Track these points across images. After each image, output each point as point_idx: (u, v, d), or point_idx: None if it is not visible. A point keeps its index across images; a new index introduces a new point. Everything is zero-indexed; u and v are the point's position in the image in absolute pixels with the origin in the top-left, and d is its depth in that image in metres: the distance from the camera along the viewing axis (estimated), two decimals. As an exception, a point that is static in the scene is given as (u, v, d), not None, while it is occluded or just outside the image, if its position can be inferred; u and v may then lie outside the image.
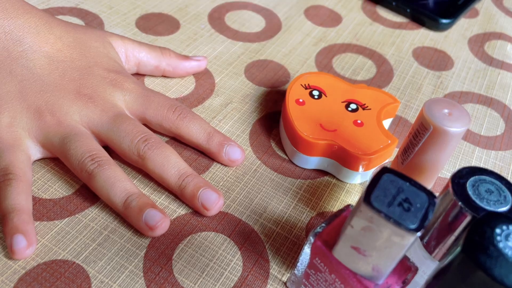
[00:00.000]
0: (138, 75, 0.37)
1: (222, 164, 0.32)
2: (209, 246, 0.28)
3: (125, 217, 0.27)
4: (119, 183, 0.27)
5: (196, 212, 0.29)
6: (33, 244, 0.25)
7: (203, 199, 0.28)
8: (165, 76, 0.37)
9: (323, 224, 0.23)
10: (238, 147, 0.31)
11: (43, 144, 0.29)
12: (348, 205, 0.24)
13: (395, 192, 0.19)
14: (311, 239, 0.22)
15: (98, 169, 0.27)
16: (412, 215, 0.18)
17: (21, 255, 0.25)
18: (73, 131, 0.29)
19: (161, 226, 0.27)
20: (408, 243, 0.18)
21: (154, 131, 0.32)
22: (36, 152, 0.29)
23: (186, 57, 0.37)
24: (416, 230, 0.18)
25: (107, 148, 0.31)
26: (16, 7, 0.30)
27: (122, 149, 0.29)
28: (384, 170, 0.19)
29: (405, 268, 0.21)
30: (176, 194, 0.29)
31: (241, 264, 0.27)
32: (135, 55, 0.35)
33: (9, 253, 0.25)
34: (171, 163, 0.28)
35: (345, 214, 0.23)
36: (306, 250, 0.23)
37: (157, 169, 0.28)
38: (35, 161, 0.30)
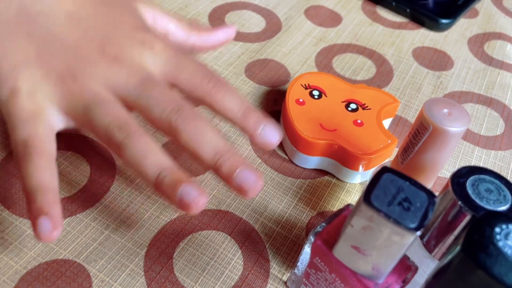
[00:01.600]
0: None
1: (256, 146, 0.28)
2: (210, 244, 0.28)
3: (159, 194, 0.25)
4: (151, 155, 0.24)
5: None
6: (58, 227, 0.23)
7: (240, 180, 0.24)
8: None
9: (323, 224, 0.23)
10: (276, 129, 0.27)
11: (67, 112, 0.26)
12: (348, 205, 0.24)
13: (395, 191, 0.19)
14: (311, 238, 0.22)
15: (128, 139, 0.24)
16: (412, 214, 0.18)
17: (47, 238, 0.23)
18: (97, 98, 0.26)
19: (198, 204, 0.23)
20: (408, 242, 0.19)
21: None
22: (59, 122, 0.26)
23: (216, 27, 0.34)
24: (416, 229, 0.18)
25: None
26: None
27: (152, 118, 0.26)
28: (384, 170, 0.19)
29: (405, 267, 0.22)
30: (212, 170, 0.26)
31: (242, 263, 0.27)
32: (163, 24, 0.32)
33: (35, 237, 0.23)
34: (207, 139, 0.25)
35: (345, 213, 0.23)
36: (307, 250, 0.23)
37: (190, 143, 0.25)
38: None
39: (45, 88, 0.26)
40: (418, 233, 0.18)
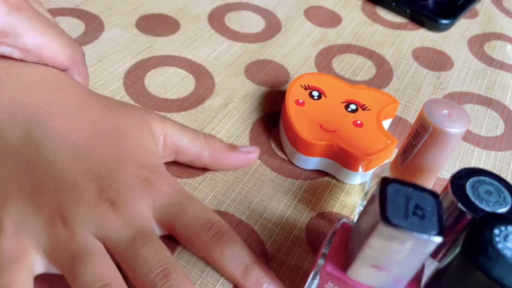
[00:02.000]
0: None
1: None
2: (209, 246, 0.28)
3: None
4: None
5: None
6: None
7: None
8: (205, 168, 0.31)
9: (325, 250, 0.22)
10: (280, 286, 0.25)
11: (50, 258, 0.24)
12: (340, 219, 0.23)
13: (404, 201, 0.19)
14: (320, 263, 0.22)
15: None
16: (429, 221, 0.18)
17: None
18: (86, 249, 0.23)
19: None
20: (431, 250, 0.18)
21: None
22: (40, 267, 0.24)
23: (233, 148, 0.31)
24: (439, 235, 0.18)
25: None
26: (47, 82, 0.27)
27: (137, 279, 0.24)
28: (385, 182, 0.19)
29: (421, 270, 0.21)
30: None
31: (241, 264, 0.27)
32: (174, 142, 0.30)
33: None
34: None
35: (341, 230, 0.23)
36: (316, 277, 0.22)
37: None
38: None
39: (32, 227, 0.24)
40: (441, 239, 0.18)
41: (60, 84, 0.28)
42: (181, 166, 0.31)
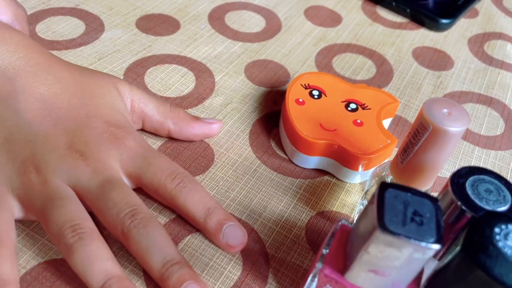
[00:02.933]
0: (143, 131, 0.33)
1: (219, 247, 0.27)
2: (209, 245, 0.28)
3: None
4: (99, 262, 0.23)
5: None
6: None
7: None
8: (171, 138, 0.33)
9: (323, 253, 0.22)
10: (240, 229, 0.27)
11: (25, 203, 0.25)
12: (339, 220, 0.23)
13: (402, 207, 0.19)
14: (319, 266, 0.22)
15: (78, 243, 0.23)
16: (427, 228, 0.18)
17: None
18: (58, 194, 0.25)
19: None
20: (429, 256, 0.18)
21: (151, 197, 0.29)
22: (18, 211, 0.26)
23: (196, 119, 0.32)
24: (437, 242, 0.18)
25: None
26: (16, 41, 0.28)
27: (107, 221, 0.25)
28: (383, 186, 0.19)
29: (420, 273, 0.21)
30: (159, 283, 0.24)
31: (241, 263, 0.27)
32: (141, 107, 0.31)
33: None
34: (157, 247, 0.24)
35: (340, 232, 0.23)
36: (314, 280, 0.22)
37: (140, 251, 0.24)
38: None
39: (7, 174, 0.25)
40: (439, 246, 0.18)
41: (27, 43, 0.29)
42: (181, 166, 0.31)
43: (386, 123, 0.35)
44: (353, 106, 0.33)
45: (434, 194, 0.31)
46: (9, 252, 0.23)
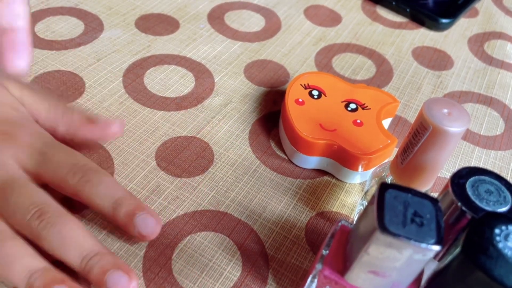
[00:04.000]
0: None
1: (133, 238, 0.26)
2: (208, 246, 0.28)
3: None
4: (20, 260, 0.22)
5: (193, 214, 0.29)
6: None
7: (111, 285, 0.22)
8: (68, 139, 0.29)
9: (323, 254, 0.22)
10: (153, 216, 0.25)
11: None
12: (339, 221, 0.23)
13: (403, 208, 0.18)
14: (318, 267, 0.22)
15: None
16: (427, 229, 0.18)
17: None
18: None
19: None
20: (429, 257, 0.18)
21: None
22: None
23: (91, 122, 0.29)
24: (437, 243, 0.18)
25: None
26: None
27: (15, 227, 0.23)
28: (384, 187, 0.19)
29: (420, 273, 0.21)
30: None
31: (241, 264, 0.27)
32: (31, 110, 0.28)
33: None
34: (72, 242, 0.23)
35: (340, 233, 0.23)
36: (314, 281, 0.22)
37: (55, 252, 0.23)
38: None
39: None
40: (439, 247, 0.18)
41: None
42: (181, 166, 0.31)
43: (386, 123, 0.34)
44: (353, 106, 0.33)
45: (434, 194, 0.31)
46: None
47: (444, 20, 0.47)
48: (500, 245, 0.17)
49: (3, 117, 0.26)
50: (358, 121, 0.32)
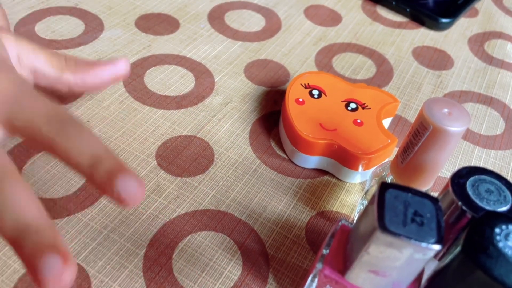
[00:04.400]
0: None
1: (111, 199, 0.22)
2: (209, 245, 0.28)
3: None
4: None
5: (193, 214, 0.29)
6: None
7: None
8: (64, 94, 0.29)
9: (323, 253, 0.22)
10: (136, 179, 0.20)
11: None
12: (339, 220, 0.23)
13: (403, 208, 0.18)
14: (319, 266, 0.22)
15: None
16: (428, 228, 0.18)
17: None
18: None
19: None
20: (430, 256, 0.18)
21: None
22: None
23: (96, 62, 0.28)
24: (438, 243, 0.18)
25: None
26: None
27: None
28: (384, 187, 0.19)
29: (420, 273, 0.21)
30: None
31: (241, 263, 0.27)
32: (30, 61, 0.27)
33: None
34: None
35: (340, 232, 0.23)
36: (314, 281, 0.22)
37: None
38: (35, 161, 0.30)
39: None
40: (440, 247, 0.18)
41: None
42: (181, 166, 0.31)
43: (386, 122, 0.35)
44: (353, 105, 0.33)
45: (435, 194, 0.31)
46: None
47: (444, 20, 0.47)
48: (500, 245, 0.17)
49: None
50: (358, 120, 0.32)
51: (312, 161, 0.32)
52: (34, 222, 0.19)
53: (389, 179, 0.27)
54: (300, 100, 0.33)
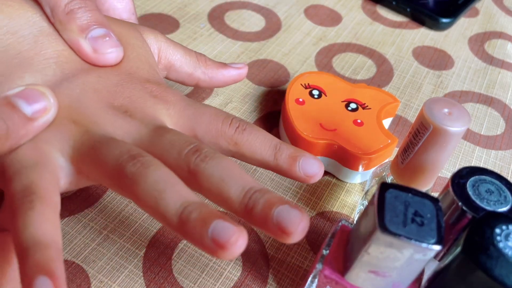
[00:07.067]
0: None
1: (297, 181, 0.25)
2: (209, 246, 0.28)
3: (183, 234, 0.19)
4: (172, 188, 0.20)
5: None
6: None
7: (279, 219, 0.19)
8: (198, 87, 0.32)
9: (323, 253, 0.22)
10: (314, 158, 0.24)
11: (71, 156, 0.22)
12: (339, 221, 0.23)
13: (403, 208, 0.18)
14: (319, 267, 0.22)
15: (142, 169, 0.20)
16: (428, 229, 0.18)
17: None
18: (106, 137, 0.22)
19: (236, 243, 0.18)
20: (430, 257, 0.18)
21: None
22: (63, 172, 0.22)
23: (224, 65, 0.31)
24: (438, 243, 0.18)
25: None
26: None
27: (169, 164, 0.22)
28: (384, 187, 0.19)
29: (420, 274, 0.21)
30: (242, 217, 0.21)
31: (241, 263, 0.27)
32: (167, 57, 0.29)
33: None
34: (233, 176, 0.21)
35: (340, 232, 0.23)
36: (314, 281, 0.22)
37: (214, 185, 0.21)
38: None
39: (48, 133, 0.23)
40: (440, 247, 0.18)
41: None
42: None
43: (387, 122, 0.34)
44: (353, 105, 0.33)
45: (435, 194, 0.31)
46: (53, 213, 0.20)
47: (444, 20, 0.47)
48: (501, 245, 0.17)
49: (152, 79, 0.26)
50: (359, 120, 0.32)
51: (312, 161, 0.32)
52: (256, 185, 0.21)
53: (389, 179, 0.27)
54: (300, 100, 0.33)
